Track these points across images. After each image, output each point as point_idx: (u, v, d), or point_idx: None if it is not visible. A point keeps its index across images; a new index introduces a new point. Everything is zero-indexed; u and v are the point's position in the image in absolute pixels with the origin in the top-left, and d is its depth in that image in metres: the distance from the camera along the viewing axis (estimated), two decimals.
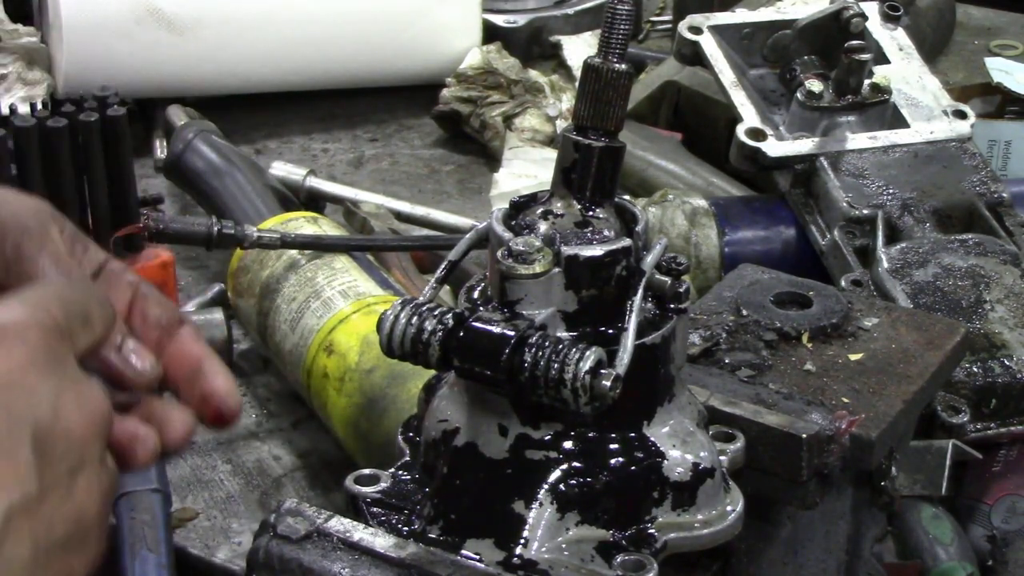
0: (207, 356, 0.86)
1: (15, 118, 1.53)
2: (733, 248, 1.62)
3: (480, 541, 0.87)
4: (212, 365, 0.86)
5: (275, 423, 1.54)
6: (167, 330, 0.86)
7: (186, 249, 1.74)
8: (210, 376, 0.85)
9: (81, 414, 0.73)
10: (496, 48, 2.15)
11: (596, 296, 0.87)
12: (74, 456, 0.73)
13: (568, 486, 0.87)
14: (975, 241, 1.47)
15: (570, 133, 0.89)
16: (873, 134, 1.63)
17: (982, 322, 1.37)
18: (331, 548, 0.85)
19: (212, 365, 0.86)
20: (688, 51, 1.72)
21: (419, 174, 2.06)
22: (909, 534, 1.29)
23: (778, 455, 0.99)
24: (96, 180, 1.56)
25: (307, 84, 2.18)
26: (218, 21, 2.06)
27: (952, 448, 1.22)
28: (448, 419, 0.91)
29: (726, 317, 1.12)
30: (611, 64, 0.88)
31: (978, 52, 2.27)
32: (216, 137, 1.86)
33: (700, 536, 0.90)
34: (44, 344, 0.73)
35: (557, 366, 0.82)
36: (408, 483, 0.94)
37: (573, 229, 0.88)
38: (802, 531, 1.06)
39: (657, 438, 0.90)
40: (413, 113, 2.20)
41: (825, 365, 1.08)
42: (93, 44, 2.00)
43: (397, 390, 1.32)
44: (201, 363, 0.85)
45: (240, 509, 1.41)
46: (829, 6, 1.68)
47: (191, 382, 0.85)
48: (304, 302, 1.46)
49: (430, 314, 0.87)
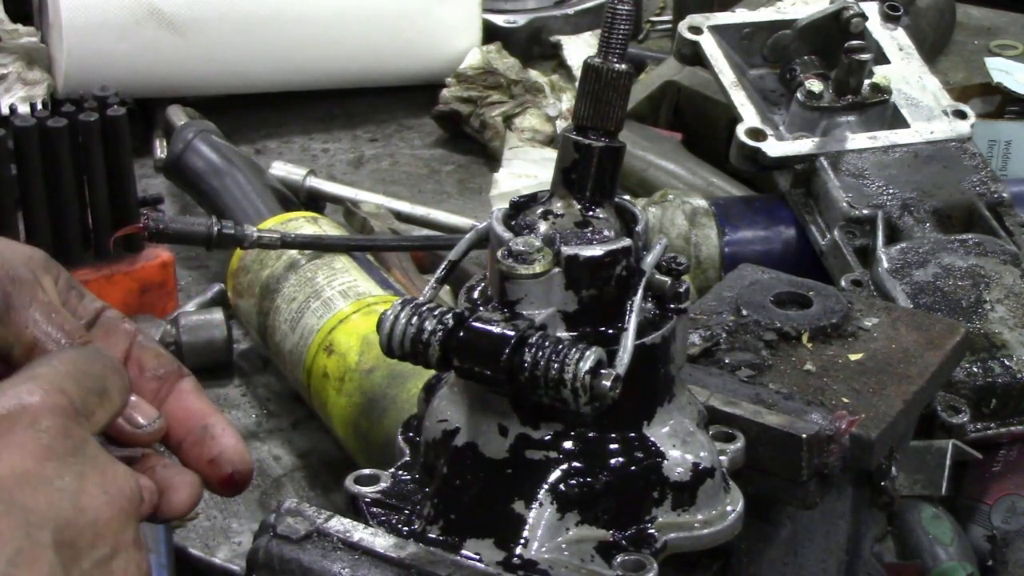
0: (212, 413, 0.81)
1: (15, 118, 1.53)
2: (733, 248, 1.62)
3: (480, 541, 0.87)
4: (219, 423, 0.81)
5: (275, 423, 1.54)
6: (166, 382, 0.81)
7: (186, 249, 1.74)
8: (219, 437, 0.80)
9: (107, 500, 0.70)
10: (496, 48, 2.15)
11: (596, 296, 0.87)
12: (105, 545, 0.69)
13: (568, 486, 0.87)
14: (975, 241, 1.47)
15: (570, 133, 0.89)
16: (873, 134, 1.63)
17: (982, 322, 1.37)
18: (331, 548, 0.85)
19: (219, 423, 0.81)
20: (688, 51, 1.72)
21: (419, 174, 2.06)
22: (909, 534, 1.29)
23: (778, 455, 0.99)
24: (96, 180, 1.56)
25: (307, 84, 2.18)
26: (218, 21, 2.06)
27: (952, 448, 1.22)
28: (448, 419, 0.91)
29: (726, 317, 1.12)
30: (611, 64, 0.88)
31: (978, 52, 2.27)
32: (216, 137, 1.86)
33: (700, 536, 0.90)
34: (61, 430, 0.69)
35: (557, 366, 0.82)
36: (408, 483, 0.94)
37: (573, 229, 0.88)
38: (802, 531, 1.06)
39: (657, 438, 0.90)
40: (413, 113, 2.20)
41: (825, 365, 1.07)
42: (93, 44, 2.00)
43: (397, 390, 1.32)
44: (207, 421, 0.80)
45: (240, 509, 1.41)
46: (829, 6, 1.68)
47: (198, 443, 0.80)
48: (304, 302, 1.46)
49: (430, 314, 0.87)
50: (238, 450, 0.81)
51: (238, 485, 0.81)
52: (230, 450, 0.80)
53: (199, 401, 0.82)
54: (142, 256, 1.63)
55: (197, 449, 0.80)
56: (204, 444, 0.80)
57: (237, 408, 1.56)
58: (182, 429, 0.80)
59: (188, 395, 0.81)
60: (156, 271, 1.63)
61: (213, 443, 0.80)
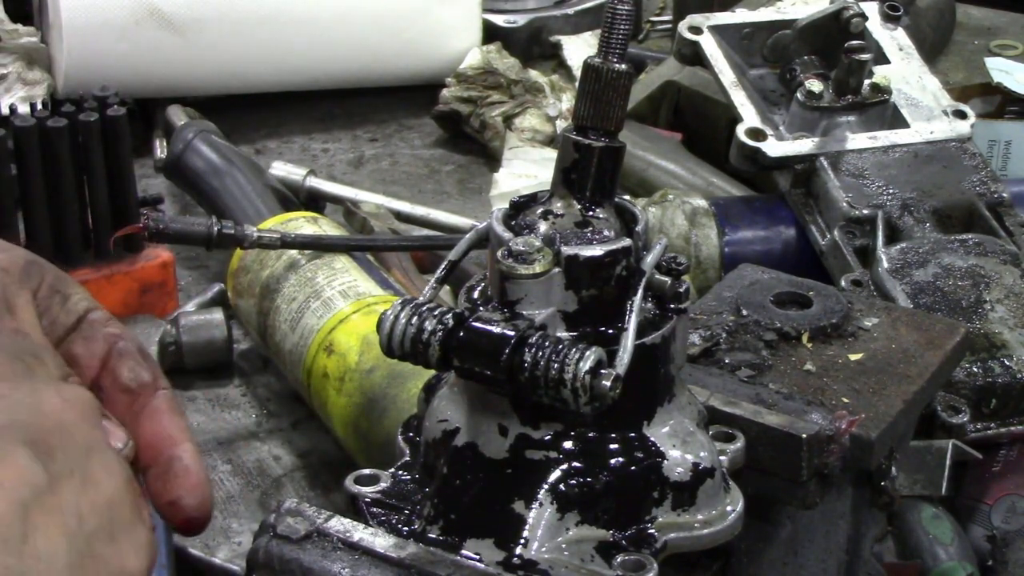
0: (181, 441, 0.78)
1: (15, 118, 1.53)
2: (733, 248, 1.62)
3: (480, 541, 0.87)
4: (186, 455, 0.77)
5: (275, 423, 1.54)
6: (139, 396, 0.78)
7: (186, 249, 1.74)
8: (181, 476, 0.77)
9: (67, 404, 0.71)
10: (496, 48, 2.15)
11: (596, 296, 0.87)
12: (76, 443, 0.70)
13: (568, 486, 0.87)
14: (975, 241, 1.47)
15: (570, 133, 0.89)
16: (873, 134, 1.63)
17: (982, 322, 1.37)
18: (331, 548, 0.85)
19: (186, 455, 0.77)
20: (688, 51, 1.72)
21: (419, 174, 2.06)
22: (909, 534, 1.29)
23: (778, 455, 0.99)
24: (96, 180, 1.57)
25: (307, 84, 2.18)
26: (218, 21, 2.06)
27: (952, 448, 1.22)
28: (448, 419, 0.91)
29: (726, 317, 1.12)
30: (611, 64, 0.88)
31: (978, 52, 2.27)
32: (216, 137, 1.86)
33: (700, 536, 0.90)
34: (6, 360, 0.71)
35: (557, 366, 0.82)
36: (408, 483, 0.94)
37: (573, 229, 0.88)
38: (802, 531, 1.06)
39: (657, 438, 0.90)
40: (413, 113, 2.20)
41: (825, 365, 1.07)
42: (93, 44, 2.00)
43: (397, 390, 1.32)
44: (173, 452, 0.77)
45: (240, 509, 1.41)
46: (829, 6, 1.68)
47: (160, 477, 0.77)
48: (304, 302, 1.46)
49: (430, 314, 0.87)
50: (198, 494, 0.78)
51: (194, 530, 0.79)
52: (189, 495, 0.77)
53: (171, 423, 0.78)
54: (142, 256, 1.63)
55: (159, 484, 0.77)
56: (167, 481, 0.77)
57: (237, 408, 1.56)
58: (148, 455, 0.77)
59: (161, 415, 0.78)
60: (156, 271, 1.63)
61: (176, 483, 0.77)
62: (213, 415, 1.55)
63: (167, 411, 0.79)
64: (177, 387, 1.57)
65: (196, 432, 1.51)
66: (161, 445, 0.78)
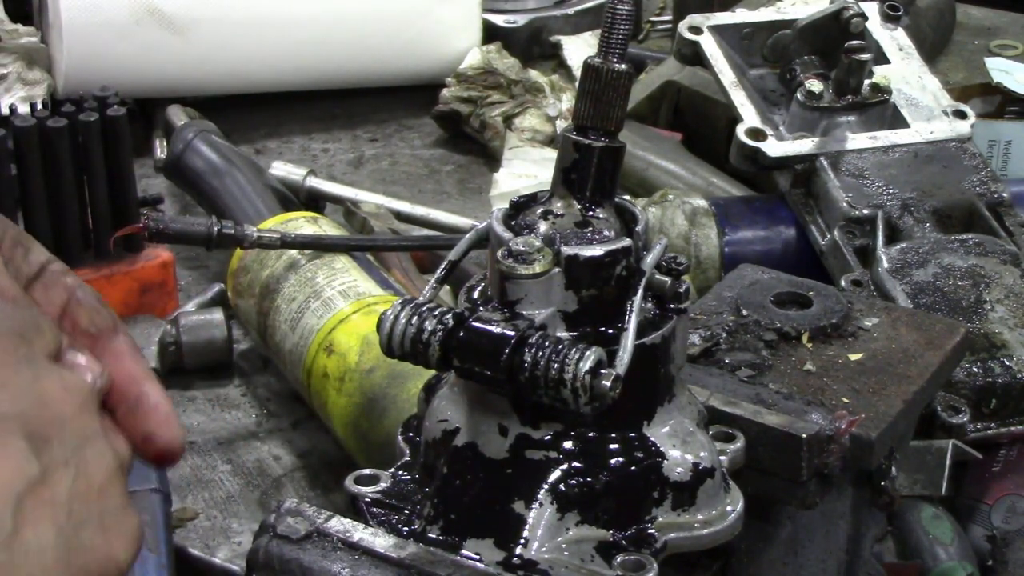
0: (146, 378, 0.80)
1: (15, 118, 1.53)
2: (733, 248, 1.62)
3: (480, 541, 0.87)
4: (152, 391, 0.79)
5: (275, 423, 1.54)
6: (99, 339, 0.79)
7: (186, 249, 1.74)
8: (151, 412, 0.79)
9: (67, 394, 0.72)
10: (496, 48, 2.15)
11: (596, 296, 0.87)
12: (72, 434, 0.71)
13: (568, 486, 0.87)
14: (975, 241, 1.47)
15: (570, 133, 0.89)
16: (873, 134, 1.63)
17: (982, 322, 1.37)
18: (331, 548, 0.85)
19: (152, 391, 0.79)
20: (688, 51, 1.72)
21: (419, 174, 2.06)
22: (909, 534, 1.29)
23: (778, 455, 0.99)
24: (96, 180, 1.57)
25: (307, 84, 2.18)
26: (218, 21, 2.06)
27: (952, 448, 1.22)
28: (448, 419, 0.91)
29: (726, 317, 1.12)
30: (611, 64, 0.88)
31: (978, 52, 2.27)
32: (216, 137, 1.86)
33: (700, 536, 0.90)
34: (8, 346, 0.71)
35: (557, 366, 0.82)
36: (408, 483, 0.94)
37: (573, 229, 0.88)
38: (802, 531, 1.06)
39: (657, 438, 0.90)
40: (413, 113, 2.20)
41: (825, 365, 1.07)
42: (93, 44, 2.00)
43: (397, 390, 1.32)
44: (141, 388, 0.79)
45: (240, 509, 1.41)
46: (829, 6, 1.68)
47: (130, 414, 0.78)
48: (304, 302, 1.46)
49: (430, 314, 0.87)
50: (170, 427, 0.79)
51: (168, 461, 0.80)
52: (161, 428, 0.79)
53: (133, 364, 0.80)
54: (142, 256, 1.63)
55: (130, 421, 0.79)
56: (138, 418, 0.79)
57: (237, 408, 1.56)
58: (116, 394, 0.79)
59: (124, 356, 0.80)
60: (156, 271, 1.63)
61: (147, 419, 0.79)
62: (213, 415, 1.55)
63: (129, 352, 0.80)
64: (177, 387, 1.57)
65: (196, 432, 1.52)
66: (127, 384, 0.79)
